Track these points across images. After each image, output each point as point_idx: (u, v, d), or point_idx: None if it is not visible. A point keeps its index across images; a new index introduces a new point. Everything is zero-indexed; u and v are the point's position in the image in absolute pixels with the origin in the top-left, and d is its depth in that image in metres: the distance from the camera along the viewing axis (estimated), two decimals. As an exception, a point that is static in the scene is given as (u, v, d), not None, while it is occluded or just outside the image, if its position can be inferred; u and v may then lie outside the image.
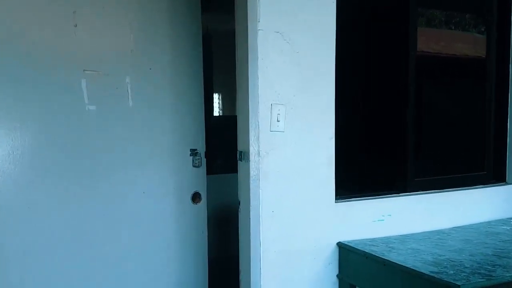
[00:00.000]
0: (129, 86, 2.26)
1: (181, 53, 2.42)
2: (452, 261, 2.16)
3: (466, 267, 2.06)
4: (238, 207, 2.32)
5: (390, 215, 2.58)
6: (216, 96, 5.64)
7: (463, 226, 2.79)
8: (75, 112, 2.15)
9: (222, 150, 3.27)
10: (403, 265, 2.08)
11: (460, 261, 2.15)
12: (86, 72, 2.15)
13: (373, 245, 2.36)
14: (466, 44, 3.51)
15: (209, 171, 4.05)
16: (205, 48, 4.83)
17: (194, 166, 2.47)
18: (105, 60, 2.22)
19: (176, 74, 2.40)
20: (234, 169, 2.31)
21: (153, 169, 2.36)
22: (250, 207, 2.19)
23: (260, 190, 2.19)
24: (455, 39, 3.48)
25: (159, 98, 2.35)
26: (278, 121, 2.21)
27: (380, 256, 2.19)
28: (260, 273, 2.20)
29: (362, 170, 2.93)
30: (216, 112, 5.71)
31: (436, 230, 2.68)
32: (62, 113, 2.12)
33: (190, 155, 2.47)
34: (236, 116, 2.29)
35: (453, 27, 3.46)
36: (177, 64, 2.40)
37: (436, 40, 3.28)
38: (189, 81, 2.45)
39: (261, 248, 2.20)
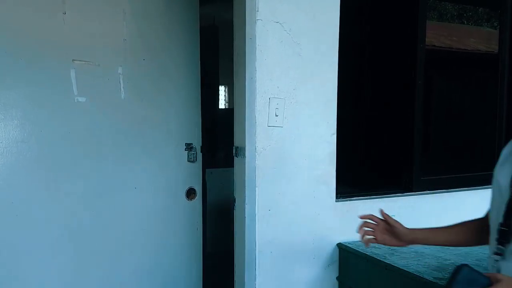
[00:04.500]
0: (121, 78, 2.16)
1: (177, 43, 2.30)
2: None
3: (472, 273, 1.95)
4: (233, 205, 2.22)
5: (394, 215, 2.44)
6: (222, 89, 5.58)
7: (470, 227, 2.66)
8: (63, 104, 2.05)
9: (225, 143, 3.18)
10: (406, 269, 1.98)
11: (466, 266, 2.04)
12: (76, 62, 2.05)
13: (375, 247, 2.24)
14: (478, 38, 3.41)
15: (211, 165, 4.00)
16: (211, 39, 4.82)
17: (189, 161, 2.37)
18: (96, 50, 2.11)
19: (172, 65, 2.29)
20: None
21: (146, 164, 2.26)
22: (245, 205, 2.10)
23: (257, 188, 2.09)
24: (468, 33, 3.38)
25: (153, 90, 2.24)
26: (276, 115, 2.11)
27: (382, 260, 2.09)
28: (255, 275, 2.10)
29: (365, 167, 2.82)
30: (222, 104, 5.65)
31: (442, 232, 2.57)
32: (49, 104, 2.02)
33: (185, 150, 2.37)
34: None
35: (465, 22, 3.41)
36: (173, 55, 2.29)
37: (447, 35, 3.17)
38: (185, 72, 2.34)
39: (257, 249, 2.10)
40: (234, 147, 2.16)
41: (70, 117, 2.06)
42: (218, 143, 4.50)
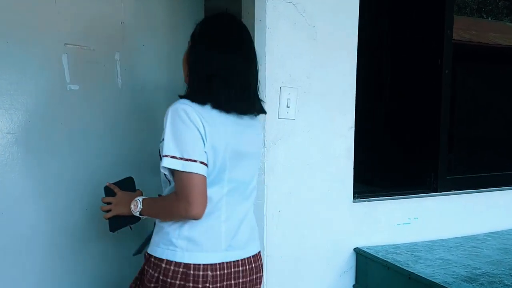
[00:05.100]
0: (118, 64, 1.96)
1: (180, 28, 2.09)
2: (490, 276, 1.83)
3: (506, 286, 1.73)
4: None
5: (417, 218, 2.26)
6: None
7: (500, 231, 2.46)
8: (54, 91, 1.86)
9: None
10: (432, 279, 1.76)
11: (499, 277, 1.82)
12: (68, 46, 1.86)
13: (397, 253, 2.04)
14: (498, 32, 3.32)
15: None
16: None
17: None
18: (91, 33, 1.92)
19: (174, 51, 2.06)
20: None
21: (145, 159, 2.06)
22: (254, 205, 1.89)
23: (265, 186, 1.89)
24: (487, 27, 3.21)
25: (153, 78, 2.05)
26: (288, 106, 1.90)
27: (405, 268, 1.87)
28: (264, 283, 1.90)
29: (384, 164, 2.60)
30: None
31: (469, 236, 2.36)
32: (39, 92, 1.84)
33: None
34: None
35: (484, 16, 3.37)
36: (175, 40, 2.09)
37: (466, 28, 2.98)
38: None
39: (265, 253, 1.91)
40: (241, 141, 1.96)
41: (62, 106, 1.87)
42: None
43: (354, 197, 2.09)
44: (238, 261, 1.42)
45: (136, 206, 1.46)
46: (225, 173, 1.40)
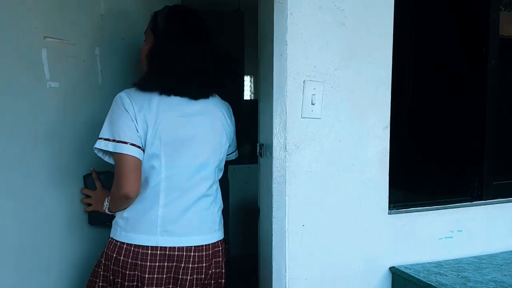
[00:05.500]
0: (98, 60, 1.75)
1: None
2: (556, 303, 1.53)
3: None
4: (258, 218, 1.76)
5: (460, 230, 1.96)
6: (247, 79, 5.17)
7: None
8: (33, 90, 1.62)
9: (250, 137, 2.77)
10: (488, 310, 1.47)
11: None
12: (48, 39, 1.62)
13: (440, 273, 1.75)
14: None
15: (234, 161, 3.60)
16: (235, 26, 4.43)
17: None
18: (72, 26, 1.68)
19: None
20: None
21: None
22: (273, 219, 1.63)
23: (287, 197, 1.62)
24: None
25: (134, 75, 1.81)
26: (313, 104, 1.63)
27: (452, 293, 1.59)
28: (286, 309, 1.64)
29: (418, 168, 2.30)
30: (248, 95, 5.24)
31: (520, 251, 2.05)
32: (17, 90, 1.59)
33: None
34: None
35: None
36: None
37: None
38: None
39: (287, 275, 1.64)
40: (258, 145, 1.70)
41: (41, 106, 1.64)
42: (242, 137, 4.08)
43: (390, 208, 1.80)
44: (175, 247, 1.47)
45: (104, 205, 1.60)
46: (162, 157, 1.46)
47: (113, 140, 1.41)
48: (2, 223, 1.61)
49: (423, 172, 2.24)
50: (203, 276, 1.51)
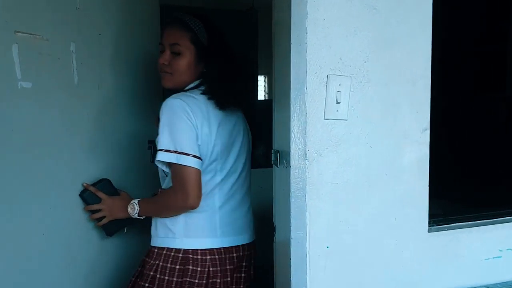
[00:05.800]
0: (74, 57, 1.64)
1: (137, 15, 1.81)
2: None
3: None
4: (273, 237, 1.51)
5: (510, 249, 1.69)
6: (261, 79, 5.15)
7: None
8: (4, 91, 1.48)
9: (265, 140, 2.55)
10: None
11: None
12: (19, 34, 1.48)
13: (491, 304, 1.48)
14: None
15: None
16: (249, 25, 4.33)
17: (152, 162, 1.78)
18: (44, 20, 1.56)
19: (135, 43, 1.79)
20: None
21: (102, 166, 1.76)
22: (291, 240, 1.38)
23: (308, 214, 1.37)
24: None
25: (111, 74, 1.75)
26: (338, 102, 1.38)
27: (509, 330, 1.32)
28: None
29: (460, 179, 2.02)
30: (262, 96, 5.16)
31: None
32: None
33: (148, 149, 1.84)
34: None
35: None
36: (131, 30, 1.78)
37: None
38: (155, 52, 1.70)
39: (309, 306, 1.38)
40: (273, 152, 1.45)
41: (12, 109, 1.50)
42: (256, 139, 3.90)
43: (430, 225, 1.54)
44: (232, 247, 1.58)
45: (134, 209, 1.58)
46: (218, 163, 1.54)
47: (175, 152, 1.43)
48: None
49: (464, 180, 1.97)
50: (252, 272, 1.68)
